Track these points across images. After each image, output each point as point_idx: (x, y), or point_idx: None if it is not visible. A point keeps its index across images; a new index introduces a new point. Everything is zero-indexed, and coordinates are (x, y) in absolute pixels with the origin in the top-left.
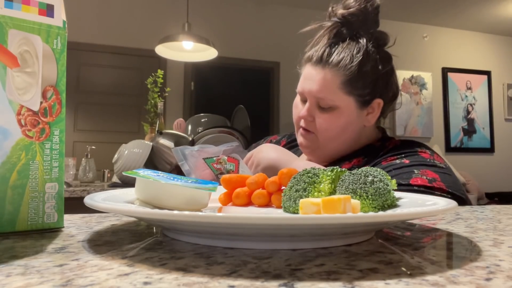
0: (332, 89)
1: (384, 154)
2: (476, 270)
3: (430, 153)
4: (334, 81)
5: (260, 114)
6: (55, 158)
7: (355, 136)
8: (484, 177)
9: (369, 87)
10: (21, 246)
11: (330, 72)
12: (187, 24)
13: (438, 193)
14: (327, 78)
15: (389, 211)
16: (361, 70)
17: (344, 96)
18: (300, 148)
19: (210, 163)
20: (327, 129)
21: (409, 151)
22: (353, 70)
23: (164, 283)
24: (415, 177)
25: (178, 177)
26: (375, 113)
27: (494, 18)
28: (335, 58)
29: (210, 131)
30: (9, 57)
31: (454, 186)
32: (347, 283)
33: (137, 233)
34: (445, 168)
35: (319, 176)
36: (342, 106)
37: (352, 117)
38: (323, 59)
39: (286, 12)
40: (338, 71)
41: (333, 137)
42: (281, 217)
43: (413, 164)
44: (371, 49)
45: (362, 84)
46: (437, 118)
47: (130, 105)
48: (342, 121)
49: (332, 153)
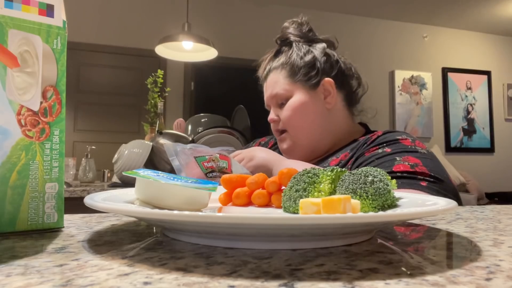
0: (279, 84)
1: (367, 145)
2: (476, 270)
3: (411, 140)
4: (278, 78)
5: (260, 114)
6: (55, 158)
7: (324, 122)
8: (484, 177)
9: (310, 71)
10: (21, 246)
11: (273, 74)
12: (187, 24)
13: (420, 177)
14: (274, 78)
15: (389, 211)
16: (296, 60)
17: (292, 84)
18: (284, 155)
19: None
20: (290, 117)
21: (390, 140)
22: (290, 62)
23: (164, 283)
24: (398, 164)
25: (178, 177)
26: (332, 94)
27: (494, 18)
28: (275, 64)
29: (210, 131)
30: (9, 57)
31: (436, 169)
32: (347, 283)
33: (137, 233)
34: (427, 153)
35: (319, 176)
36: (294, 93)
37: (307, 100)
38: (266, 73)
39: (286, 12)
40: (278, 69)
41: (298, 124)
42: (281, 217)
43: (395, 152)
44: (301, 46)
45: (302, 69)
46: (437, 118)
47: (130, 105)
48: (299, 106)
49: (310, 145)
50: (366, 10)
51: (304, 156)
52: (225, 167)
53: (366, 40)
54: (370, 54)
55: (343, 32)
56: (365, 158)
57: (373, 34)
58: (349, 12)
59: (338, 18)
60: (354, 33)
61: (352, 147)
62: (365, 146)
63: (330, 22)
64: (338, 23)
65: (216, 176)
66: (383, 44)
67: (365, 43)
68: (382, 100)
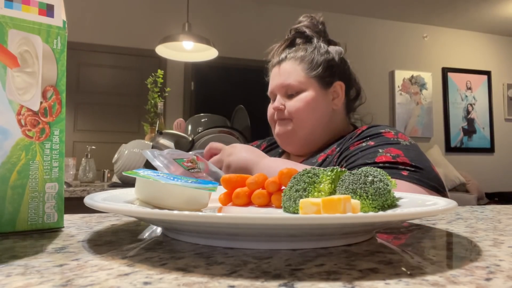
0: (295, 75)
1: (352, 139)
2: (476, 270)
3: (394, 133)
4: (295, 69)
5: (260, 114)
6: (55, 158)
7: (327, 121)
8: (484, 177)
9: (327, 71)
10: (21, 246)
11: (290, 63)
12: (187, 24)
13: (402, 167)
14: (289, 68)
15: (389, 211)
16: (317, 56)
17: (307, 78)
18: (278, 138)
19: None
20: (299, 108)
21: (373, 134)
22: (310, 57)
23: (164, 283)
24: (380, 155)
25: (178, 177)
26: (340, 97)
27: (494, 18)
28: (292, 54)
29: (210, 131)
30: (9, 57)
31: (418, 159)
32: (347, 283)
33: (137, 233)
34: (409, 145)
35: (319, 176)
36: (307, 88)
37: (318, 97)
38: (281, 59)
39: (286, 12)
40: (296, 61)
41: (305, 118)
42: (281, 217)
43: (378, 144)
44: (322, 44)
45: (319, 67)
46: (437, 118)
47: (130, 105)
48: (310, 101)
49: (308, 139)
50: (367, 10)
51: (296, 146)
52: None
53: (366, 40)
54: (370, 54)
55: (344, 32)
56: (349, 152)
57: (373, 34)
58: (349, 12)
59: (338, 18)
60: (354, 33)
61: (339, 142)
62: (350, 140)
63: (331, 22)
64: (338, 23)
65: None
66: (383, 44)
67: (365, 43)
68: (382, 100)
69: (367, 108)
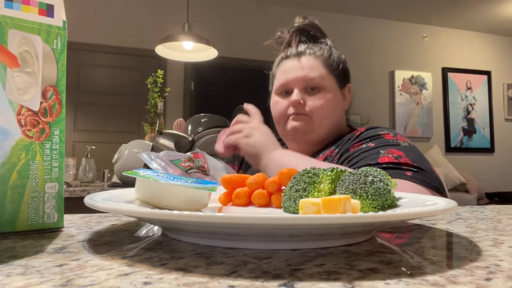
0: (318, 69)
1: (351, 141)
2: (476, 270)
3: (393, 135)
4: (317, 64)
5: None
6: (55, 158)
7: (340, 121)
8: (484, 177)
9: (342, 72)
10: (21, 246)
11: (310, 58)
12: (187, 24)
13: (405, 168)
14: (310, 62)
15: (389, 211)
16: (335, 56)
17: (328, 75)
18: (292, 133)
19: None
20: (322, 106)
21: (373, 136)
22: (332, 56)
23: (164, 283)
24: (382, 156)
25: (178, 177)
26: (347, 99)
27: (494, 18)
28: (310, 51)
29: (210, 131)
30: (9, 57)
31: (419, 160)
32: (347, 283)
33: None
34: (409, 146)
35: (319, 176)
36: (328, 85)
37: (337, 96)
38: (300, 52)
39: (286, 12)
40: (316, 57)
41: (326, 115)
42: (281, 217)
43: (379, 146)
44: (333, 45)
45: (339, 67)
46: (437, 118)
47: (130, 105)
48: (331, 99)
49: (322, 136)
50: (366, 10)
51: (306, 144)
52: (201, 165)
53: (366, 40)
54: (370, 54)
55: (343, 32)
56: (350, 153)
57: (373, 34)
58: (349, 12)
59: (338, 18)
60: (354, 33)
61: (337, 144)
62: (349, 142)
63: (330, 22)
64: (338, 23)
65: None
66: (383, 44)
67: (365, 43)
68: (382, 100)
69: (367, 108)
